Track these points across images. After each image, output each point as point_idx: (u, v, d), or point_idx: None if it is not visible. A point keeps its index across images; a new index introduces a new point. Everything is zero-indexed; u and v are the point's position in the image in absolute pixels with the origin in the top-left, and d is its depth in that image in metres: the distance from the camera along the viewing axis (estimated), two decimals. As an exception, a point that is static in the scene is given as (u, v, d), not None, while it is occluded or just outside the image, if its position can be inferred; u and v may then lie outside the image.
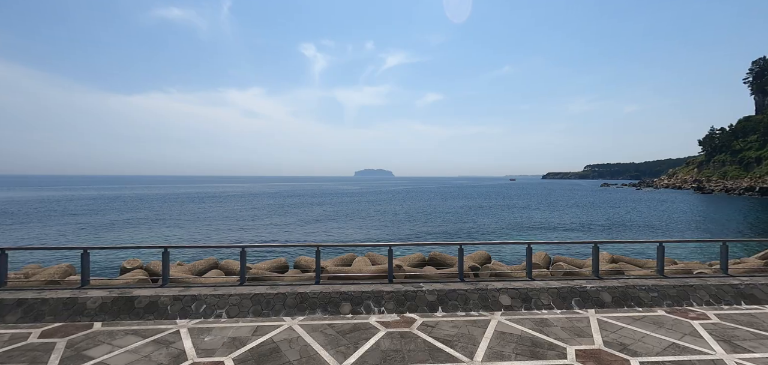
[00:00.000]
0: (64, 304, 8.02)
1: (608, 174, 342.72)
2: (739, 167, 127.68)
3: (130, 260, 10.95)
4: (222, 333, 7.22)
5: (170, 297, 8.24)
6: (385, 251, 12.44)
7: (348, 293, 8.54)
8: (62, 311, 7.92)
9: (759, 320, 7.87)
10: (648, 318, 8.01)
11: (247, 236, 30.76)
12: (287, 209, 58.68)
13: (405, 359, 6.20)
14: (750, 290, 9.01)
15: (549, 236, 33.18)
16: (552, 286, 8.94)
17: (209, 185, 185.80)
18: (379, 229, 36.24)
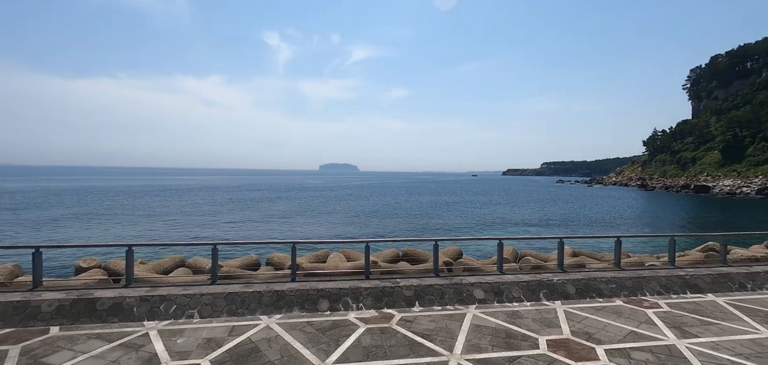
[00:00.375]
0: (14, 308, 7.38)
1: (563, 171, 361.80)
2: (677, 167, 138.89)
3: (87, 259, 10.24)
4: (195, 335, 6.96)
5: (136, 297, 7.81)
6: (359, 248, 12.47)
7: (326, 290, 8.49)
8: (12, 315, 7.28)
9: (703, 307, 8.69)
10: (608, 308, 8.61)
11: (213, 233, 29.58)
12: (252, 204, 56.94)
13: (387, 354, 6.28)
14: (694, 280, 9.91)
15: (511, 231, 34.56)
16: (522, 280, 9.36)
17: (166, 178, 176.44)
18: (350, 225, 36.09)
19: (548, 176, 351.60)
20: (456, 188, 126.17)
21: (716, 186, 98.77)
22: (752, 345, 6.76)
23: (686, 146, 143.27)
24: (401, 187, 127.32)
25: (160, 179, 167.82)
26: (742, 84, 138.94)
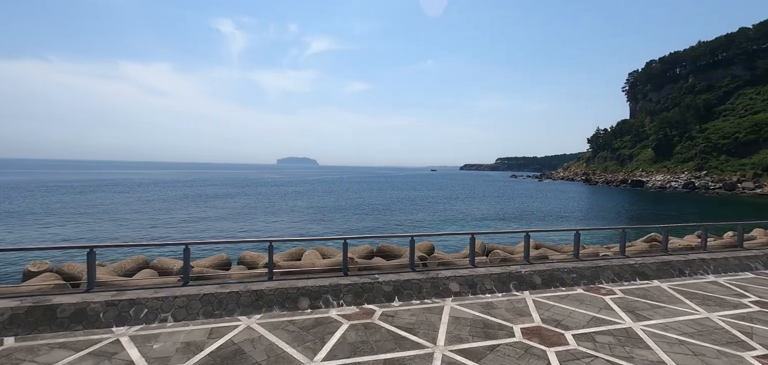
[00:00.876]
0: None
1: (516, 166, 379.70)
2: (616, 163, 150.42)
3: (37, 263, 9.39)
4: (172, 339, 6.67)
5: (102, 302, 7.33)
6: (334, 244, 12.46)
7: (305, 288, 8.44)
8: (-44, 327, 6.57)
9: (650, 292, 9.64)
10: (571, 296, 9.31)
11: (168, 232, 28.01)
12: (208, 201, 54.45)
13: (374, 350, 6.41)
14: (642, 268, 10.95)
15: (475, 225, 35.84)
16: (493, 272, 9.85)
17: (107, 172, 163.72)
18: (316, 223, 35.63)
19: (502, 171, 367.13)
20: (418, 182, 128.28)
21: (649, 181, 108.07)
22: (694, 325, 7.64)
23: (625, 144, 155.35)
24: (363, 182, 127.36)
25: (102, 173, 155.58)
26: (672, 88, 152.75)
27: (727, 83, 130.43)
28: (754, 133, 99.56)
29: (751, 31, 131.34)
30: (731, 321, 7.82)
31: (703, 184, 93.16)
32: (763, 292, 9.76)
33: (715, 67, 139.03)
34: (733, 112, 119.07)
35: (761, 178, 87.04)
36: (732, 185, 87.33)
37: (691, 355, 6.34)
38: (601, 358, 6.19)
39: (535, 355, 6.28)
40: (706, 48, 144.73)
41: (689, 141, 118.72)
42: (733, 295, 9.50)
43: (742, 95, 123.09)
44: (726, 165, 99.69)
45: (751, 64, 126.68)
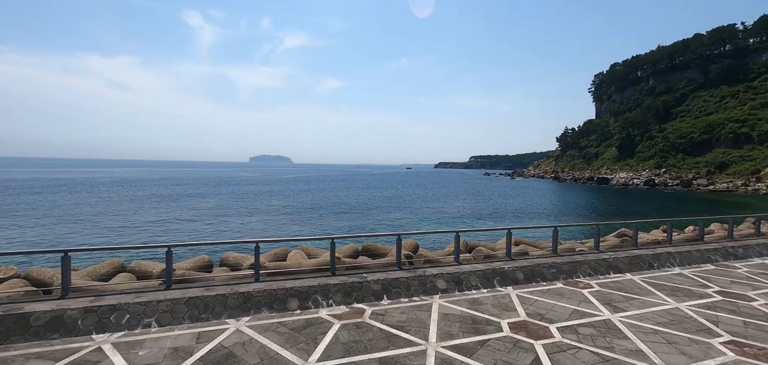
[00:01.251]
0: None
1: (489, 164, 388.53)
2: (583, 161, 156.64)
3: (2, 269, 8.82)
4: (158, 344, 6.46)
5: (79, 309, 6.98)
6: (318, 244, 12.36)
7: (294, 288, 8.36)
8: None
9: (624, 285, 10.16)
10: (552, 290, 9.67)
11: (134, 236, 26.85)
12: (179, 201, 52.60)
13: (367, 349, 6.45)
14: (615, 262, 11.52)
15: (454, 223, 36.39)
16: (477, 269, 10.09)
17: (67, 171, 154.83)
18: (300, 223, 35.15)
19: (476, 168, 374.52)
20: (396, 181, 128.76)
21: (614, 178, 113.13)
22: (666, 315, 8.13)
23: (591, 143, 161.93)
24: (340, 180, 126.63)
25: (61, 171, 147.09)
26: (634, 90, 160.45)
27: (683, 86, 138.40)
28: (707, 133, 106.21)
29: (705, 38, 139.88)
30: (698, 311, 8.38)
31: (662, 181, 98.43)
32: (724, 283, 10.50)
33: (673, 70, 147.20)
34: (689, 113, 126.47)
35: (714, 175, 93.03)
36: (688, 182, 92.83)
37: (666, 343, 6.76)
38: (585, 349, 6.49)
39: (523, 349, 6.51)
40: (664, 52, 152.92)
41: (650, 140, 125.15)
42: (698, 286, 10.17)
43: (696, 97, 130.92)
44: (682, 163, 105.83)
45: (704, 69, 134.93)
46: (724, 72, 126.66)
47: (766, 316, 8.10)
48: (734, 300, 9.10)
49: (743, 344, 6.75)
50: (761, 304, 8.81)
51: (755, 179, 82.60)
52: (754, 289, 9.94)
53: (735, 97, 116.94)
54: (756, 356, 6.32)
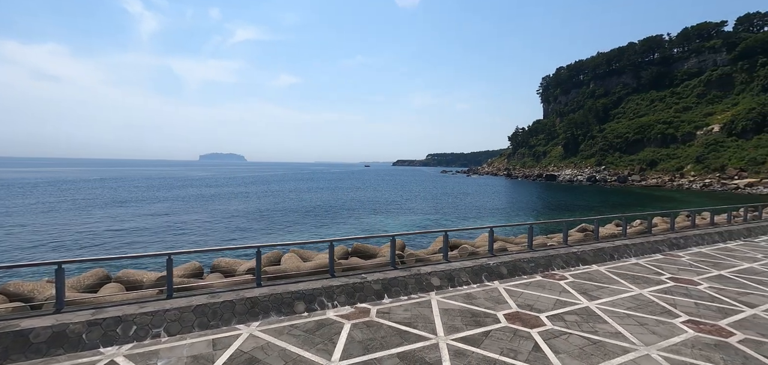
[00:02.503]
0: None
1: (445, 162, 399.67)
2: (533, 159, 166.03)
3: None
4: (174, 354, 6.42)
5: (82, 322, 6.72)
6: (310, 247, 12.48)
7: (299, 291, 8.52)
8: None
9: (593, 275, 11.35)
10: (534, 282, 10.60)
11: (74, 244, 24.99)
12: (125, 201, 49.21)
13: (384, 345, 6.84)
14: (583, 255, 12.77)
15: (429, 222, 37.36)
16: (466, 266, 10.79)
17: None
18: (268, 231, 34.33)
19: (433, 166, 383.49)
20: (358, 180, 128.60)
21: (560, 175, 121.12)
22: (633, 301, 9.28)
23: (539, 142, 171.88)
24: (301, 179, 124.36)
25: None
26: (578, 92, 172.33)
27: (619, 90, 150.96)
28: (639, 133, 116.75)
29: (637, 46, 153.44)
30: (658, 295, 9.64)
31: (602, 177, 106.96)
32: (674, 270, 12.04)
33: (611, 75, 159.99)
34: (624, 115, 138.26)
35: (645, 172, 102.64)
36: (624, 178, 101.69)
37: (638, 325, 7.80)
38: (575, 334, 7.34)
39: (522, 337, 7.22)
40: (603, 58, 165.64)
41: (591, 140, 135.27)
42: (653, 274, 11.60)
43: (630, 100, 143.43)
44: (619, 161, 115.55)
45: (637, 74, 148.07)
46: (653, 78, 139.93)
47: (711, 297, 9.51)
48: (684, 284, 10.54)
49: (699, 322, 7.95)
50: (706, 287, 10.29)
51: (679, 175, 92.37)
52: (698, 274, 11.53)
53: (662, 101, 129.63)
54: (709, 331, 7.51)
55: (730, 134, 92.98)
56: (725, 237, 16.89)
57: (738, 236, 17.38)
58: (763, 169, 75.89)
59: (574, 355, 6.52)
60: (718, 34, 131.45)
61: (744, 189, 69.66)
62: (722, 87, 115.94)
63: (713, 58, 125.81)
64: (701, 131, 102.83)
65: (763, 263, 13.08)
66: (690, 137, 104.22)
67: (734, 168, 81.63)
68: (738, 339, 7.15)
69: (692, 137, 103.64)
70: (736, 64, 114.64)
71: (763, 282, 10.91)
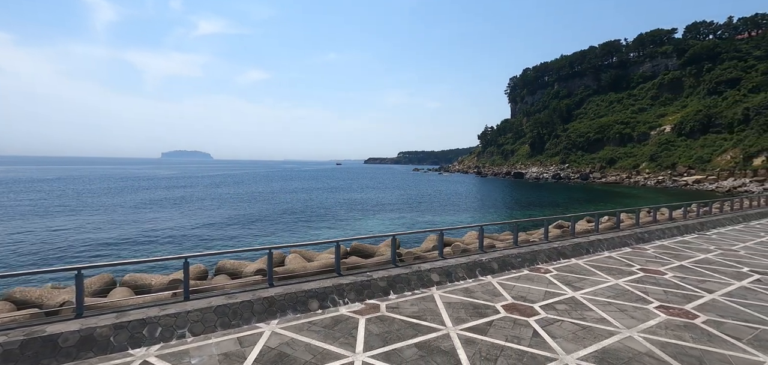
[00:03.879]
0: (-69, 365, 5.69)
1: (416, 160, 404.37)
2: (501, 157, 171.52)
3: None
4: (204, 352, 6.72)
5: (109, 325, 6.87)
6: (318, 248, 12.84)
7: (312, 290, 8.95)
8: (-68, 375, 5.62)
9: (574, 268, 12.43)
10: (523, 276, 11.52)
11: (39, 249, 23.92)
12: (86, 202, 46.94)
13: (401, 337, 7.42)
14: (563, 250, 13.89)
15: (410, 221, 38.12)
16: (461, 262, 11.56)
17: None
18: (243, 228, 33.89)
19: (405, 164, 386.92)
20: (333, 179, 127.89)
21: (528, 173, 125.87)
22: (611, 290, 10.36)
23: (507, 140, 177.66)
24: (275, 179, 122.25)
25: None
26: (543, 93, 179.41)
27: (581, 91, 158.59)
28: (600, 133, 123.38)
29: (597, 50, 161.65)
30: (632, 285, 10.80)
31: (566, 175, 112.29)
32: (641, 262, 13.38)
33: (573, 77, 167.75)
34: (585, 115, 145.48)
35: (606, 170, 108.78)
36: (586, 175, 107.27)
37: (619, 311, 8.81)
38: (567, 321, 8.23)
39: (522, 325, 8.03)
40: (566, 61, 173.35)
41: (556, 139, 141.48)
42: (625, 266, 12.86)
43: (591, 101, 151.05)
44: (582, 159, 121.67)
45: (597, 77, 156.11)
46: (612, 80, 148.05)
47: (676, 285, 10.77)
48: (652, 274, 11.81)
49: (668, 307, 9.09)
50: (671, 276, 11.60)
51: (635, 172, 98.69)
52: (663, 265, 12.90)
53: (620, 102, 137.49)
54: (678, 315, 8.63)
55: (680, 134, 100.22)
56: (682, 231, 18.72)
57: (693, 229, 19.30)
58: (709, 167, 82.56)
59: (569, 339, 7.38)
60: (669, 41, 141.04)
61: (692, 185, 75.50)
62: (673, 90, 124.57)
63: (665, 63, 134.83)
64: (655, 132, 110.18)
65: (716, 253, 14.74)
66: (645, 136, 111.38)
67: (684, 166, 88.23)
68: (702, 321, 8.29)
69: (647, 136, 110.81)
70: (685, 69, 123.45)
71: (718, 270, 12.40)
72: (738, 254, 14.72)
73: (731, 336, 7.56)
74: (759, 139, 76.93)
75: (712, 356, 6.74)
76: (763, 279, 11.41)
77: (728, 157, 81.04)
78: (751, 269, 12.61)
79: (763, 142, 75.07)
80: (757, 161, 74.04)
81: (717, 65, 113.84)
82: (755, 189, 60.80)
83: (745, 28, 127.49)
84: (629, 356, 6.72)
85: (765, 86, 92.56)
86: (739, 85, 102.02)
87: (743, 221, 22.75)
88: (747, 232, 19.71)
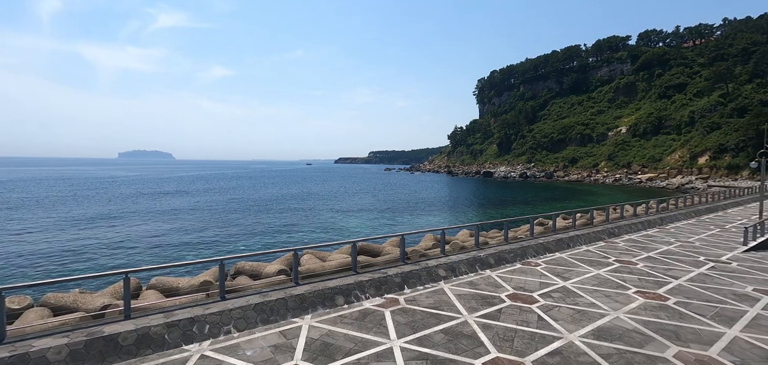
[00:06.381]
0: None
1: (387, 160, 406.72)
2: (470, 157, 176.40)
3: (15, 298, 8.21)
4: (256, 344, 7.36)
5: (161, 324, 7.35)
6: (333, 248, 13.50)
7: (336, 287, 9.70)
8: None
9: (560, 261, 13.86)
10: (517, 269, 12.78)
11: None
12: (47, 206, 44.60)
13: (425, 325, 8.35)
14: (548, 245, 15.34)
15: (409, 223, 39.03)
16: (462, 258, 12.66)
17: None
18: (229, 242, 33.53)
19: (375, 164, 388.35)
20: (307, 180, 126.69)
21: (496, 172, 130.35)
22: (595, 279, 11.79)
23: (476, 140, 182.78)
24: (244, 178, 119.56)
25: None
26: (510, 94, 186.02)
27: (545, 94, 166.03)
28: (562, 133, 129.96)
29: (560, 54, 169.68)
30: (611, 274, 12.31)
31: (532, 174, 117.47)
32: (616, 254, 15.05)
33: (538, 80, 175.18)
34: (549, 116, 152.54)
35: (568, 168, 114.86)
36: (550, 174, 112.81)
37: (605, 297, 10.19)
38: (564, 307, 9.48)
39: (526, 311, 9.19)
40: (531, 64, 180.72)
41: (522, 139, 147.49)
42: (602, 258, 14.45)
43: (554, 103, 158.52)
44: (546, 158, 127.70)
45: (559, 80, 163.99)
46: (573, 84, 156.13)
47: (647, 274, 12.39)
48: (626, 264, 13.43)
49: (644, 292, 10.58)
50: (642, 266, 13.26)
51: (595, 171, 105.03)
52: (634, 256, 14.61)
53: (581, 104, 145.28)
54: (653, 298, 10.11)
55: (635, 135, 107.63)
56: (646, 225, 20.89)
57: (654, 224, 21.55)
58: (660, 165, 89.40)
59: (569, 321, 8.60)
60: (624, 47, 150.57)
61: (646, 183, 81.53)
62: (628, 94, 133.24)
63: (620, 68, 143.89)
64: (612, 132, 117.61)
65: (676, 245, 16.74)
66: (603, 137, 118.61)
67: (638, 165, 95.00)
68: (673, 302, 9.81)
69: (605, 137, 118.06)
70: (638, 74, 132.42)
71: (680, 259, 14.24)
72: (694, 245, 16.81)
73: (697, 313, 9.07)
74: (703, 140, 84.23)
75: (685, 330, 8.16)
76: (717, 266, 13.30)
77: (677, 156, 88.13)
78: (706, 257, 14.56)
79: (706, 143, 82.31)
80: (701, 160, 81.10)
81: (666, 71, 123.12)
82: (700, 186, 66.79)
83: (690, 37, 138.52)
84: (620, 332, 8.01)
85: (708, 91, 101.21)
86: (685, 89, 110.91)
87: (695, 217, 25.49)
88: (699, 226, 22.23)
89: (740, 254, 15.29)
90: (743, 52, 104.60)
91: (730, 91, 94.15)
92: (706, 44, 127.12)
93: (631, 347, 7.36)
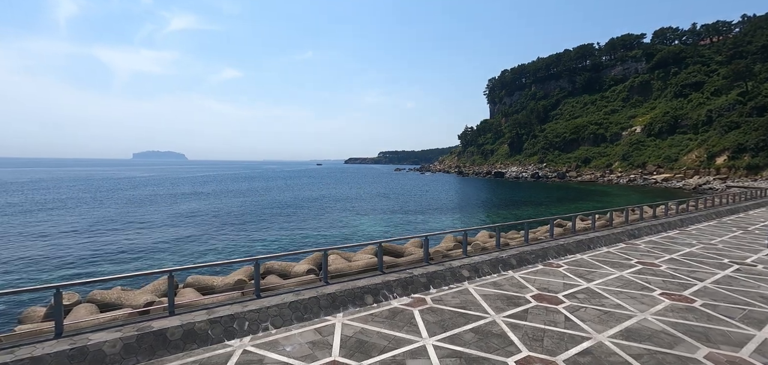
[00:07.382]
0: (67, 358, 6.42)
1: (396, 160, 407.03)
2: (481, 157, 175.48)
3: (66, 295, 8.66)
4: (294, 341, 7.66)
5: (204, 321, 7.71)
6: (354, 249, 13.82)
7: (365, 287, 9.97)
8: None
9: (581, 263, 13.91)
10: (539, 270, 12.90)
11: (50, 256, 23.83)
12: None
13: (454, 324, 8.57)
14: (568, 246, 15.40)
15: (431, 223, 39.28)
16: (485, 259, 12.82)
17: None
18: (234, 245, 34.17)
19: (385, 164, 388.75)
20: (319, 180, 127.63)
21: (507, 172, 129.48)
22: (619, 281, 11.85)
23: (487, 140, 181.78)
24: (258, 178, 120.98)
25: None
26: (521, 94, 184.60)
27: (557, 93, 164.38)
28: (575, 133, 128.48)
29: (572, 53, 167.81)
30: (634, 276, 12.35)
31: (544, 174, 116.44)
32: (638, 256, 15.04)
33: (549, 79, 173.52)
34: (561, 116, 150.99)
35: (581, 169, 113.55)
36: (563, 174, 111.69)
37: (631, 298, 10.27)
38: (589, 308, 9.60)
39: (553, 312, 9.34)
40: (542, 63, 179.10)
41: (534, 139, 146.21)
42: (624, 260, 14.47)
43: (566, 103, 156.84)
44: (558, 159, 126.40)
45: (572, 79, 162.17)
46: (585, 83, 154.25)
47: (671, 276, 12.40)
48: (650, 266, 13.45)
49: (670, 294, 10.63)
50: (665, 268, 13.26)
51: (609, 171, 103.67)
52: (656, 258, 14.59)
53: (594, 104, 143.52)
54: (679, 300, 10.16)
55: (650, 134, 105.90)
56: (666, 227, 20.74)
57: (675, 226, 21.37)
58: (676, 165, 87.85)
59: (596, 322, 8.73)
60: (638, 45, 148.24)
61: (661, 183, 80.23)
62: (642, 93, 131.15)
63: (635, 67, 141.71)
64: (626, 132, 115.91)
65: (698, 247, 16.64)
66: (617, 137, 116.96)
67: (653, 165, 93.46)
68: (700, 304, 9.85)
69: (619, 137, 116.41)
70: (653, 73, 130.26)
71: (704, 261, 14.18)
72: (717, 247, 16.68)
73: (725, 315, 9.11)
74: (721, 139, 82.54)
75: (714, 332, 8.23)
76: (742, 268, 13.23)
77: (693, 156, 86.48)
78: (730, 260, 14.48)
79: (725, 142, 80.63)
80: (719, 160, 79.46)
81: (682, 69, 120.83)
82: (718, 186, 65.51)
83: (708, 35, 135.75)
84: (649, 333, 8.12)
85: (726, 90, 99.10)
86: (702, 88, 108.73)
87: (716, 218, 25.17)
88: (720, 227, 21.97)
89: (765, 256, 15.15)
90: (763, 49, 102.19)
91: (749, 89, 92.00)
92: (724, 42, 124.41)
93: (660, 347, 7.48)
